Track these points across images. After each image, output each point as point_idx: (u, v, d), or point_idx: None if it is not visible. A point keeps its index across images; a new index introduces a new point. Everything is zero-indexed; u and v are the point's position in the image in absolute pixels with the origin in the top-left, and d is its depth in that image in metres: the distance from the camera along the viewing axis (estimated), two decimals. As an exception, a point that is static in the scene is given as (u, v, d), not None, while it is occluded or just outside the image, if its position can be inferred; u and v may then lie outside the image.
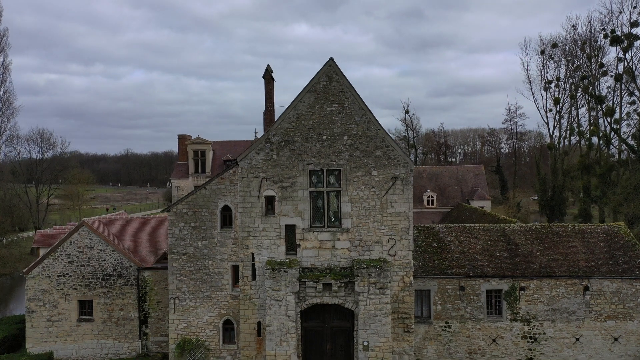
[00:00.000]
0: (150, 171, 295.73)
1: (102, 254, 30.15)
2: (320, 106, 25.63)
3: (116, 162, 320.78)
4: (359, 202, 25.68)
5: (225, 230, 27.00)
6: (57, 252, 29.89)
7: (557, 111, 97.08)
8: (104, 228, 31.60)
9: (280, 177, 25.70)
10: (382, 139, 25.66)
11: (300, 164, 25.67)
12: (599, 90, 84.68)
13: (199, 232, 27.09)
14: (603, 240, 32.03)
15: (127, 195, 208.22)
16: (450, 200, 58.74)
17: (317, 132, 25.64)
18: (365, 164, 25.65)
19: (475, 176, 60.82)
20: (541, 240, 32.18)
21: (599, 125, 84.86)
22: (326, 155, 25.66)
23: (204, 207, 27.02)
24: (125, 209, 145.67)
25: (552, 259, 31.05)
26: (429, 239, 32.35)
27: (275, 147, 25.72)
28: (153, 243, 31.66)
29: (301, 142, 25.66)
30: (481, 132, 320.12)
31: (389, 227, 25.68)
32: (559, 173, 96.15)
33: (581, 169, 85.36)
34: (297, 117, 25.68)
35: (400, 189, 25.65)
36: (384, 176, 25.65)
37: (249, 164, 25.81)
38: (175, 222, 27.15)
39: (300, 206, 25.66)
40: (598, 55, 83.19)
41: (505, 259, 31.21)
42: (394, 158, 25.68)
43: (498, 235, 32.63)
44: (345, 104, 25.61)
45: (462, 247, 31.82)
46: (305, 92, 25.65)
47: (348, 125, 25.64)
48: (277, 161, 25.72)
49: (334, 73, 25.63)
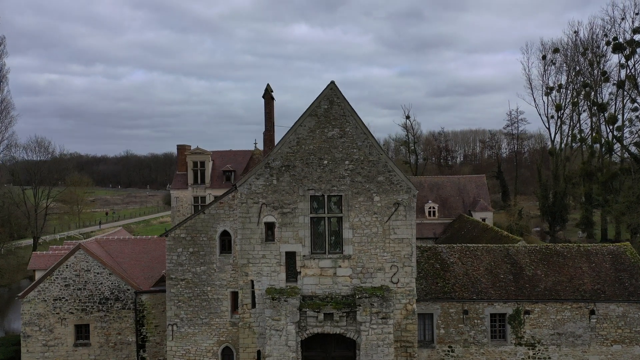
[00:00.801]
0: (150, 173, 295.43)
1: (99, 277, 29.61)
2: (321, 130, 25.09)
3: (116, 163, 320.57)
4: (361, 229, 25.14)
5: (224, 255, 26.44)
6: (53, 276, 29.34)
7: (559, 116, 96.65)
8: (101, 250, 31.05)
9: (280, 203, 25.16)
10: (385, 163, 25.12)
11: (301, 189, 25.13)
12: (600, 96, 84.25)
13: (197, 258, 26.54)
14: (609, 262, 31.48)
15: (127, 198, 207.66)
16: (452, 211, 58.20)
17: (318, 157, 25.10)
18: (367, 190, 25.11)
19: (477, 186, 60.27)
20: (546, 262, 31.64)
21: (601, 132, 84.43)
22: (327, 181, 25.12)
23: (203, 232, 26.46)
24: (125, 213, 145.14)
25: (557, 281, 30.51)
26: (432, 260, 31.81)
27: (275, 172, 25.18)
28: (151, 265, 31.12)
29: (302, 167, 25.12)
30: (481, 133, 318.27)
31: (392, 254, 25.14)
32: (561, 179, 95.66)
33: (583, 176, 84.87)
34: (298, 142, 25.13)
35: (403, 214, 25.11)
36: (386, 202, 25.10)
37: (249, 189, 25.26)
38: (173, 247, 26.60)
39: (300, 232, 25.12)
40: (600, 62, 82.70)
41: (510, 281, 30.67)
42: (396, 183, 25.14)
43: (502, 256, 32.08)
44: (347, 128, 25.07)
45: (466, 269, 31.28)
46: (306, 116, 25.11)
47: (349, 149, 25.10)
48: (277, 186, 25.17)
49: (335, 96, 25.09)
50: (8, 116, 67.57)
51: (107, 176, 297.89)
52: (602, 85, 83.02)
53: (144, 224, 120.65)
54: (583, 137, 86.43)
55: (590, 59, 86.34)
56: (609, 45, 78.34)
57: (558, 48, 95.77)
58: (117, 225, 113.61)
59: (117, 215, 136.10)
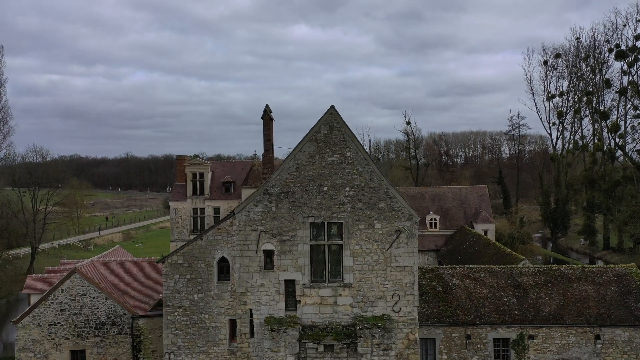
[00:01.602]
0: (150, 175, 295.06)
1: (95, 301, 29.06)
2: (321, 156, 24.55)
3: (116, 165, 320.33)
4: (362, 256, 24.60)
5: (222, 282, 25.89)
6: (48, 300, 28.79)
7: (560, 122, 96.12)
8: (98, 273, 30.52)
9: (279, 230, 24.61)
10: (386, 190, 24.57)
11: (300, 216, 24.59)
12: (603, 103, 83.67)
13: (194, 285, 25.99)
14: (614, 284, 30.92)
15: (127, 202, 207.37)
16: (454, 222, 57.63)
17: (317, 183, 24.55)
18: (368, 217, 24.56)
19: (478, 197, 59.69)
20: (550, 284, 31.08)
21: (603, 139, 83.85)
22: (327, 208, 24.57)
23: (200, 259, 25.92)
24: (124, 217, 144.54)
25: (561, 304, 29.95)
26: (434, 282, 31.25)
27: (274, 199, 24.63)
28: (148, 288, 30.57)
29: (301, 193, 24.58)
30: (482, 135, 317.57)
31: (393, 282, 24.60)
32: (562, 185, 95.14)
33: (585, 183, 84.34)
34: (297, 168, 24.59)
35: (404, 242, 24.57)
36: (387, 229, 24.56)
37: (247, 216, 24.72)
38: (170, 274, 26.05)
39: (300, 260, 24.58)
40: (602, 69, 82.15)
41: (513, 304, 30.11)
42: (397, 210, 24.59)
43: (505, 278, 31.52)
44: (347, 153, 24.53)
45: (468, 291, 30.71)
46: (305, 141, 24.58)
47: (350, 175, 24.56)
48: (276, 213, 24.63)
49: (335, 121, 24.55)
50: (6, 126, 66.92)
51: (107, 178, 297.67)
52: (604, 92, 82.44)
53: (144, 230, 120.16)
54: (585, 143, 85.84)
55: (592, 65, 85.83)
56: (612, 53, 77.75)
57: (560, 53, 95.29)
58: (117, 231, 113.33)
59: (116, 220, 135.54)
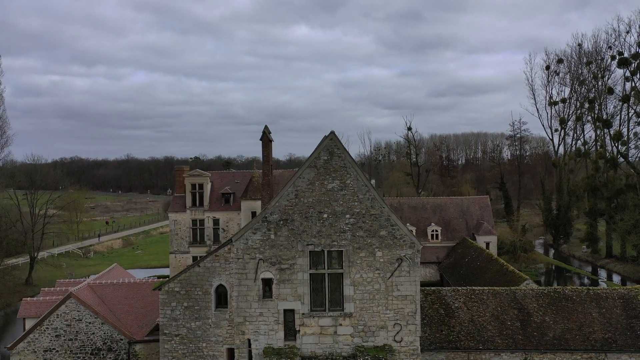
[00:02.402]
0: (150, 177, 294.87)
1: (91, 326, 28.56)
2: (320, 182, 24.00)
3: (116, 167, 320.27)
4: (362, 285, 24.06)
5: (220, 310, 25.37)
6: (43, 326, 28.30)
7: (562, 127, 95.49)
8: (94, 296, 30.00)
9: (278, 259, 24.07)
10: (387, 217, 24.02)
11: (300, 244, 24.04)
12: (605, 110, 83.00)
13: (192, 313, 25.47)
14: (620, 307, 30.33)
15: (127, 205, 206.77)
16: (455, 234, 57.06)
17: (317, 210, 24.01)
18: (369, 245, 24.02)
19: (480, 208, 59.10)
20: (554, 307, 30.50)
21: (606, 146, 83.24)
22: (327, 235, 24.03)
23: (198, 286, 25.39)
24: (125, 222, 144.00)
25: (566, 329, 29.38)
26: (436, 305, 30.67)
27: (273, 227, 24.09)
28: (145, 312, 30.04)
29: (300, 220, 24.03)
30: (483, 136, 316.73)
31: (395, 312, 24.06)
32: (564, 192, 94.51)
33: (588, 191, 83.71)
34: (296, 194, 24.05)
35: (406, 270, 24.02)
36: (389, 257, 24.01)
37: (245, 244, 24.18)
38: (167, 301, 25.53)
39: (299, 289, 24.04)
40: (604, 76, 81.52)
41: (517, 328, 29.54)
42: (399, 238, 24.05)
43: (509, 301, 30.94)
44: (348, 180, 23.98)
45: (471, 315, 30.14)
46: (305, 167, 24.04)
47: (350, 202, 24.01)
48: (275, 241, 24.09)
49: (335, 147, 24.01)
50: (4, 136, 66.36)
51: (107, 180, 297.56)
52: (606, 99, 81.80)
53: (144, 235, 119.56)
54: (587, 150, 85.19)
55: (594, 71, 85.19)
56: (614, 60, 77.09)
57: (562, 59, 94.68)
58: (117, 237, 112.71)
59: (116, 225, 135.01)
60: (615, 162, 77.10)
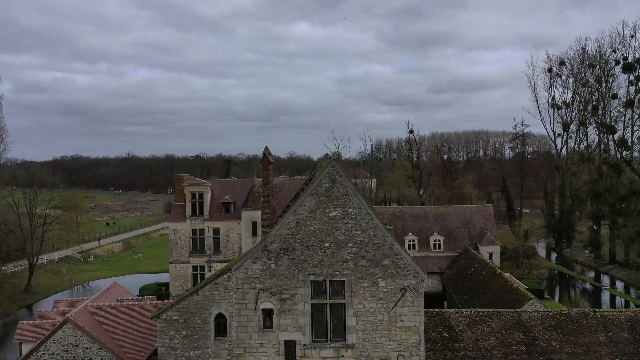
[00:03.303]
0: (151, 176, 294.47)
1: (89, 352, 28.03)
2: (322, 211, 23.39)
3: (117, 165, 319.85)
4: (365, 316, 23.48)
5: (219, 340, 24.84)
6: (39, 352, 27.77)
7: (565, 131, 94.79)
8: (91, 319, 29.46)
9: (279, 289, 23.49)
10: (390, 246, 23.42)
11: (301, 274, 23.46)
12: (609, 114, 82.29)
13: (190, 342, 24.94)
14: (627, 331, 29.76)
15: (128, 204, 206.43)
16: (458, 243, 56.47)
17: (319, 239, 23.41)
18: (371, 274, 23.43)
19: (483, 217, 58.48)
20: (560, 330, 29.93)
21: (609, 151, 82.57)
22: (329, 265, 23.43)
23: (196, 315, 24.85)
24: (125, 223, 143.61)
25: (572, 353, 28.81)
26: (439, 328, 30.11)
27: (274, 256, 23.50)
28: (144, 335, 29.51)
29: (302, 249, 23.44)
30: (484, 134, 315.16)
31: (398, 343, 23.49)
32: (567, 196, 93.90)
33: (591, 196, 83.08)
34: (297, 223, 23.44)
35: (410, 300, 23.44)
36: (392, 287, 23.43)
37: (245, 274, 23.59)
38: (165, 330, 24.99)
39: (300, 320, 23.47)
40: (608, 81, 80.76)
41: (522, 353, 28.97)
42: (403, 267, 23.45)
43: (514, 323, 30.37)
44: (350, 208, 23.37)
45: (476, 338, 29.58)
46: (306, 195, 23.42)
47: (353, 231, 23.40)
48: (275, 271, 23.50)
49: (337, 175, 23.39)
50: (2, 143, 65.71)
51: (108, 179, 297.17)
52: (610, 103, 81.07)
53: (144, 238, 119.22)
54: (590, 155, 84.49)
55: (597, 75, 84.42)
56: (619, 65, 76.30)
57: (564, 61, 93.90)
58: (117, 240, 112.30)
59: (117, 227, 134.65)
60: (619, 168, 76.45)
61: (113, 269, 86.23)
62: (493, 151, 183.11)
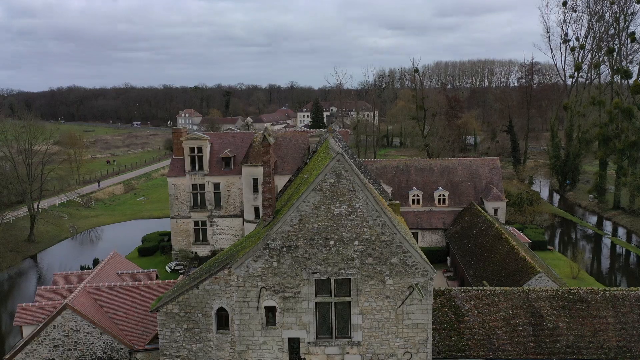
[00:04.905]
0: (150, 109, 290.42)
1: (90, 336, 27.69)
2: (327, 207, 21.99)
3: (115, 98, 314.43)
4: (371, 314, 22.73)
5: (222, 333, 24.26)
6: (40, 337, 27.43)
7: (577, 72, 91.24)
8: (91, 302, 28.93)
9: (282, 287, 22.58)
10: (399, 244, 22.23)
11: (305, 272, 22.45)
12: (625, 57, 78.56)
13: (192, 335, 24.40)
14: (636, 311, 29.21)
15: (128, 139, 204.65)
16: (463, 198, 55.40)
17: (323, 237, 22.19)
18: (378, 272, 22.41)
19: (490, 170, 57.00)
20: (568, 310, 29.42)
21: (621, 94, 79.65)
22: (334, 263, 22.36)
23: (197, 309, 24.12)
24: (125, 162, 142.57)
25: (579, 335, 28.44)
26: (445, 308, 29.60)
27: (276, 254, 22.38)
28: (145, 318, 29.08)
29: (305, 247, 22.28)
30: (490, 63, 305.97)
31: (405, 340, 22.90)
32: (575, 138, 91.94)
33: (600, 141, 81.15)
34: (300, 220, 22.12)
35: (418, 298, 22.57)
36: (399, 285, 22.49)
37: (246, 272, 22.60)
38: (166, 322, 24.38)
39: (304, 318, 22.75)
40: (627, 19, 76.34)
41: (529, 334, 28.61)
42: (411, 265, 22.39)
43: (521, 303, 29.82)
44: (357, 204, 21.94)
45: (482, 319, 29.13)
46: (310, 190, 21.92)
47: (359, 228, 22.12)
48: (277, 269, 22.48)
49: (343, 169, 21.76)
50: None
51: (106, 111, 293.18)
52: (627, 45, 77.18)
53: (145, 178, 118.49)
54: (602, 99, 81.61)
55: (615, 13, 79.82)
56: (639, 3, 71.77)
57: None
58: (118, 182, 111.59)
59: (117, 166, 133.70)
60: (631, 113, 73.98)
61: (115, 214, 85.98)
62: (498, 80, 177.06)
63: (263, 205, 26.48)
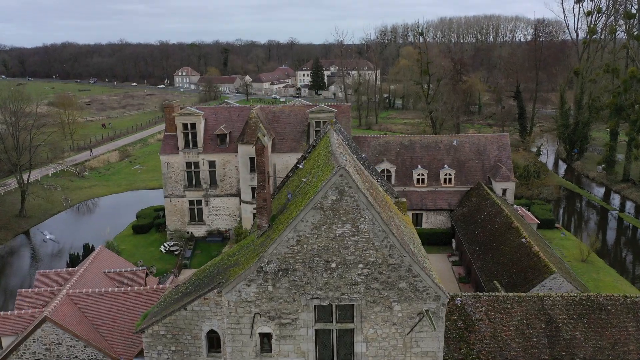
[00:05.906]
0: (146, 67, 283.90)
1: (73, 350, 25.79)
2: (328, 227, 19.50)
3: (110, 55, 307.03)
4: (377, 341, 20.62)
5: (213, 356, 22.25)
6: (19, 351, 25.52)
7: (590, 35, 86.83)
8: (74, 310, 26.89)
9: (278, 313, 20.38)
10: (409, 267, 19.87)
11: (303, 297, 20.19)
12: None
13: (181, 357, 22.39)
14: (659, 321, 27.24)
15: (124, 100, 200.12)
16: (470, 177, 52.81)
17: (324, 259, 19.81)
18: (385, 298, 20.16)
19: (498, 147, 54.16)
20: (586, 319, 27.43)
21: (638, 63, 75.74)
22: (336, 288, 20.08)
23: (186, 330, 22.03)
24: (120, 126, 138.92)
25: (598, 347, 26.55)
26: (454, 316, 27.60)
27: (271, 278, 20.06)
28: (133, 327, 27.04)
29: (304, 270, 19.94)
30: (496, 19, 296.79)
31: (413, 368, 20.88)
32: (585, 106, 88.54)
33: (612, 110, 77.83)
34: (298, 240, 19.68)
35: (429, 325, 20.41)
36: (408, 311, 20.29)
37: (238, 297, 20.35)
38: (152, 344, 22.34)
39: (303, 346, 20.67)
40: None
41: (544, 346, 26.71)
42: (422, 290, 20.11)
43: (535, 311, 27.80)
44: (361, 224, 19.44)
45: (493, 329, 27.17)
46: (308, 209, 19.37)
47: (364, 250, 19.71)
48: (273, 294, 20.21)
49: (346, 186, 19.14)
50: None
51: (102, 69, 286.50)
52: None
53: (141, 144, 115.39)
54: (616, 67, 77.71)
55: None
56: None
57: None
58: (112, 149, 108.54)
59: (112, 130, 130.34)
60: (647, 83, 70.43)
61: (110, 184, 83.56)
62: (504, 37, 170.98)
63: (257, 212, 24.01)
